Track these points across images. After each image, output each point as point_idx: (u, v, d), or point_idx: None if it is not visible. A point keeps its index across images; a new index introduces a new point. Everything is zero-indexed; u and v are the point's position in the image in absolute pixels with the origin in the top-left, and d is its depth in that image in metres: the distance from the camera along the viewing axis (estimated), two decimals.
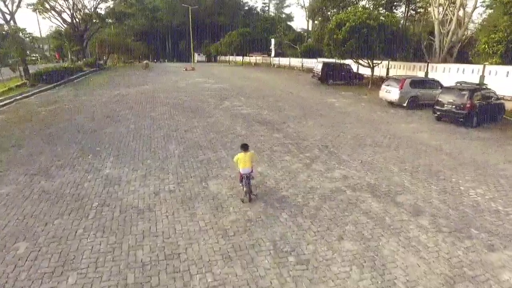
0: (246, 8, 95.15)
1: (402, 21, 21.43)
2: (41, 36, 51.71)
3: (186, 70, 40.28)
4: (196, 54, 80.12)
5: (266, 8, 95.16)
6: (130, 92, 19.81)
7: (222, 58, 72.87)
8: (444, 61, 21.96)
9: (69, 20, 35.17)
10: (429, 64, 20.80)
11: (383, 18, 19.09)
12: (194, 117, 13.40)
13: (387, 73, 24.73)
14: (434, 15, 21.38)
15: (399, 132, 11.93)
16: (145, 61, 45.40)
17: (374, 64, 22.05)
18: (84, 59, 35.44)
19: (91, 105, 15.54)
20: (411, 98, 16.15)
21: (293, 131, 11.55)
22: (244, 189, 6.45)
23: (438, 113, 13.49)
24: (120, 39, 45.36)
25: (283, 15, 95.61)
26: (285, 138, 10.72)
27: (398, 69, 23.88)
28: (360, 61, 22.09)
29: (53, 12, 33.79)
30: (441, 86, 16.75)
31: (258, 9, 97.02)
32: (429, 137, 11.32)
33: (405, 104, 16.21)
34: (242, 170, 6.31)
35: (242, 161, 6.32)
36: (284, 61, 46.63)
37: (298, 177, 7.61)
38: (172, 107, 15.38)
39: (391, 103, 16.97)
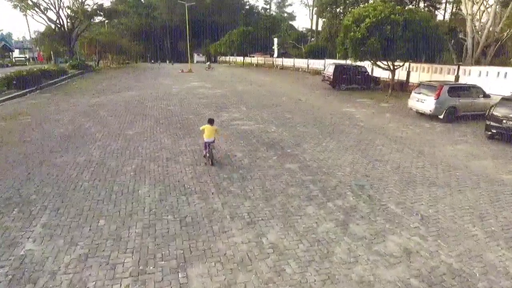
0: (247, 7, 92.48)
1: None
2: (30, 36, 48.93)
3: (182, 72, 37.43)
4: (195, 55, 77.44)
5: (268, 7, 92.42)
6: (112, 100, 16.95)
7: (222, 58, 70.12)
8: (477, 63, 19.08)
9: (55, 18, 32.37)
10: (460, 67, 17.89)
11: (407, 14, 16.15)
12: (183, 136, 10.54)
13: (408, 77, 21.84)
14: (467, 9, 18.49)
15: (450, 158, 9.05)
16: (207, 63, 42.23)
17: (395, 67, 19.15)
18: (71, 61, 32.56)
19: (57, 118, 12.68)
20: (449, 109, 13.26)
21: (311, 159, 8.68)
22: (207, 155, 7.90)
23: (494, 130, 10.59)
24: (113, 39, 42.46)
25: (285, 14, 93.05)
26: (303, 171, 7.85)
27: (421, 72, 20.98)
28: (379, 63, 19.20)
29: (36, 9, 30.91)
30: (484, 94, 13.90)
31: (259, 8, 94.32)
32: (494, 168, 8.43)
33: (441, 116, 13.33)
34: (206, 139, 7.74)
35: (207, 132, 7.71)
36: (288, 62, 43.76)
37: (333, 255, 4.75)
38: (157, 121, 12.52)
39: (422, 114, 14.11)
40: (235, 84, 25.73)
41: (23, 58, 48.76)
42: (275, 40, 49.79)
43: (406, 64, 21.08)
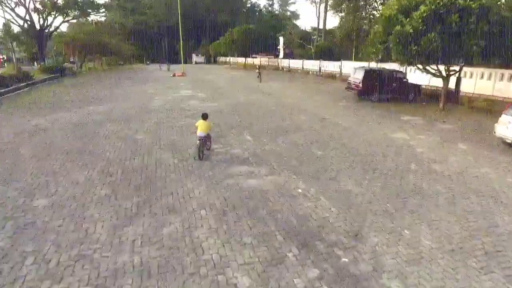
0: (248, 5, 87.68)
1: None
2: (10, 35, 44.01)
3: (174, 76, 32.51)
4: (194, 55, 72.61)
5: (270, 2, 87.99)
6: (59, 122, 12.08)
7: (222, 59, 65.29)
8: None
9: (24, 14, 27.51)
10: None
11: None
12: (139, 209, 5.66)
13: (458, 85, 16.97)
14: None
15: None
16: (257, 70, 29.76)
17: (450, 72, 14.29)
18: (42, 63, 27.72)
19: None
20: None
21: None
22: (199, 148, 8.01)
23: None
24: (99, 38, 37.44)
25: (288, 13, 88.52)
26: None
27: (479, 79, 16.12)
28: (428, 68, 14.33)
29: (2, 4, 26.16)
30: None
31: (262, 6, 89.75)
32: None
33: None
34: (199, 133, 7.94)
35: (201, 126, 7.95)
36: (295, 63, 38.86)
37: None
38: (105, 169, 7.61)
39: None
40: (236, 94, 20.83)
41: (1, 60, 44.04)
42: (281, 39, 44.90)
43: (457, 68, 16.20)
